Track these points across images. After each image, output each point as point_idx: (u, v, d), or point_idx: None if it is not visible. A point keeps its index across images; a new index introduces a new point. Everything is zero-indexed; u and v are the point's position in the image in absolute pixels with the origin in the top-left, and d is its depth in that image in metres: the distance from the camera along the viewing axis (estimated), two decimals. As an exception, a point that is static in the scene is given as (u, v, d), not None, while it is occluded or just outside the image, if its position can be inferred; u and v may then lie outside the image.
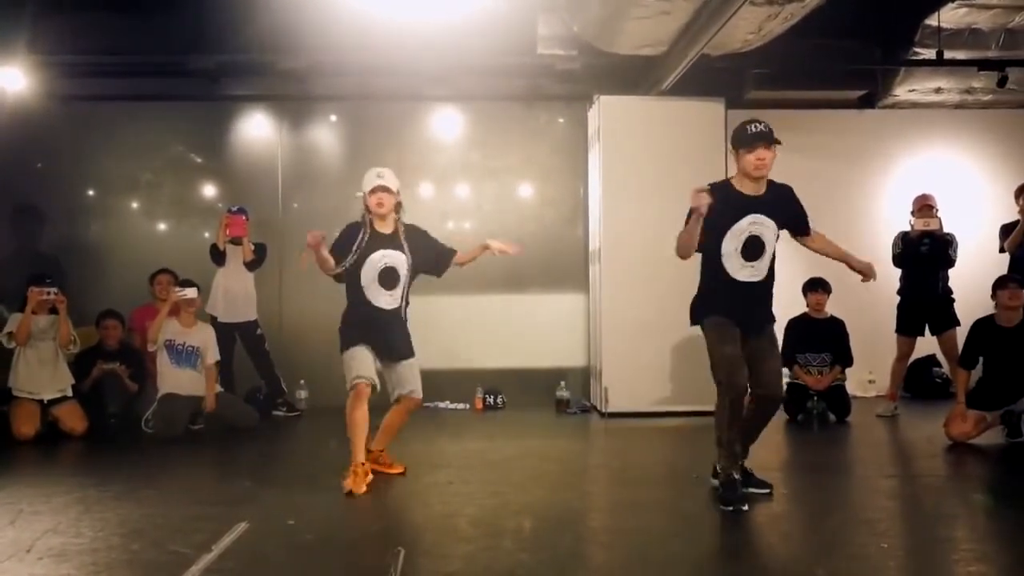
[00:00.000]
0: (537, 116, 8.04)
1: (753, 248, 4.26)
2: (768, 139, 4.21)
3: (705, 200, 4.09)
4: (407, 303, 4.84)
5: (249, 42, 7.33)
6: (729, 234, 4.25)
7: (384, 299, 4.72)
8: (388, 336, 4.75)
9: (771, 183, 4.38)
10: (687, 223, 4.22)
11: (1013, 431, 5.75)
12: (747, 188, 4.30)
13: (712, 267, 4.34)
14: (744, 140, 4.26)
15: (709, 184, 4.28)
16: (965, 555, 3.58)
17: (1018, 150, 8.16)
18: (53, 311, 6.40)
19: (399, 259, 4.72)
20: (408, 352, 4.83)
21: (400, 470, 4.96)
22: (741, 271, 4.28)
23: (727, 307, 4.29)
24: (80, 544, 3.69)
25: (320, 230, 4.60)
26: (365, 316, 4.72)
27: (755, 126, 4.24)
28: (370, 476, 4.62)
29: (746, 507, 4.13)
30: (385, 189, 4.69)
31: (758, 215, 4.26)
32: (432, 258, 4.89)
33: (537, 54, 7.19)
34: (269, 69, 7.58)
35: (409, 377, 4.81)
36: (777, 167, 7.29)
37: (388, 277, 4.70)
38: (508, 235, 7.87)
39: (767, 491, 4.39)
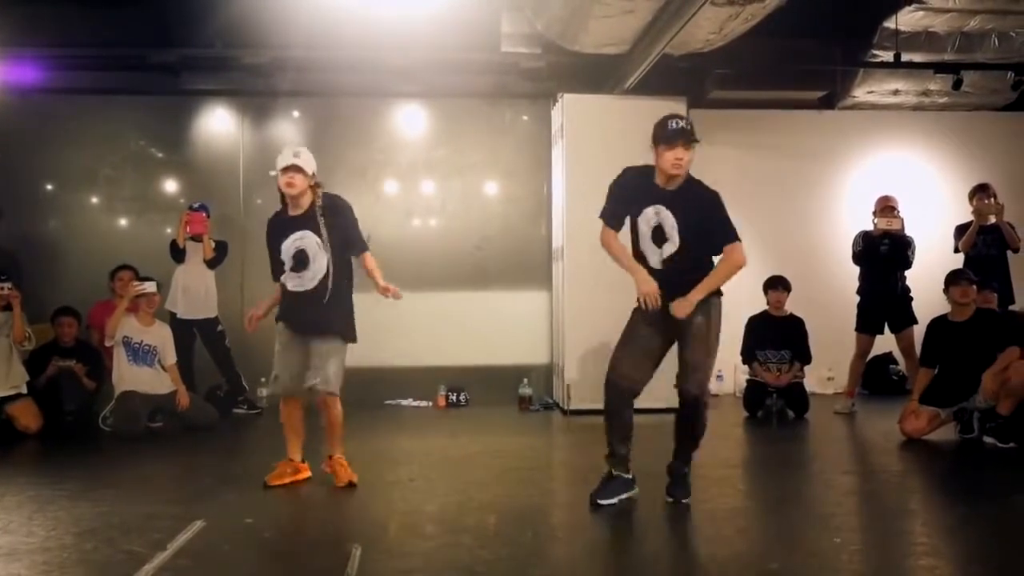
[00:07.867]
0: (501, 114, 8.04)
1: (659, 235, 4.14)
2: (687, 137, 4.01)
3: (651, 301, 4.08)
4: (339, 280, 4.53)
5: (212, 36, 7.27)
6: (641, 218, 4.18)
7: (294, 282, 4.53)
8: (304, 315, 4.55)
9: (693, 184, 4.17)
10: (624, 264, 4.21)
11: (965, 427, 5.85)
12: (660, 179, 4.16)
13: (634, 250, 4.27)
14: (664, 137, 4.04)
15: (631, 168, 4.24)
16: (917, 549, 3.66)
17: (972, 152, 8.30)
18: (7, 307, 6.30)
19: (310, 240, 4.49)
20: (324, 327, 4.53)
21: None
22: (652, 256, 4.18)
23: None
24: (31, 543, 3.63)
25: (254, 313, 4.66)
26: (288, 299, 4.60)
27: (676, 122, 4.03)
28: (301, 475, 4.65)
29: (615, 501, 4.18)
30: (298, 169, 4.45)
31: (661, 207, 4.13)
32: (344, 240, 4.59)
33: (501, 52, 7.20)
34: (232, 64, 7.52)
35: (317, 364, 4.48)
36: (739, 166, 7.31)
37: (299, 260, 4.52)
38: (472, 232, 7.98)
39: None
